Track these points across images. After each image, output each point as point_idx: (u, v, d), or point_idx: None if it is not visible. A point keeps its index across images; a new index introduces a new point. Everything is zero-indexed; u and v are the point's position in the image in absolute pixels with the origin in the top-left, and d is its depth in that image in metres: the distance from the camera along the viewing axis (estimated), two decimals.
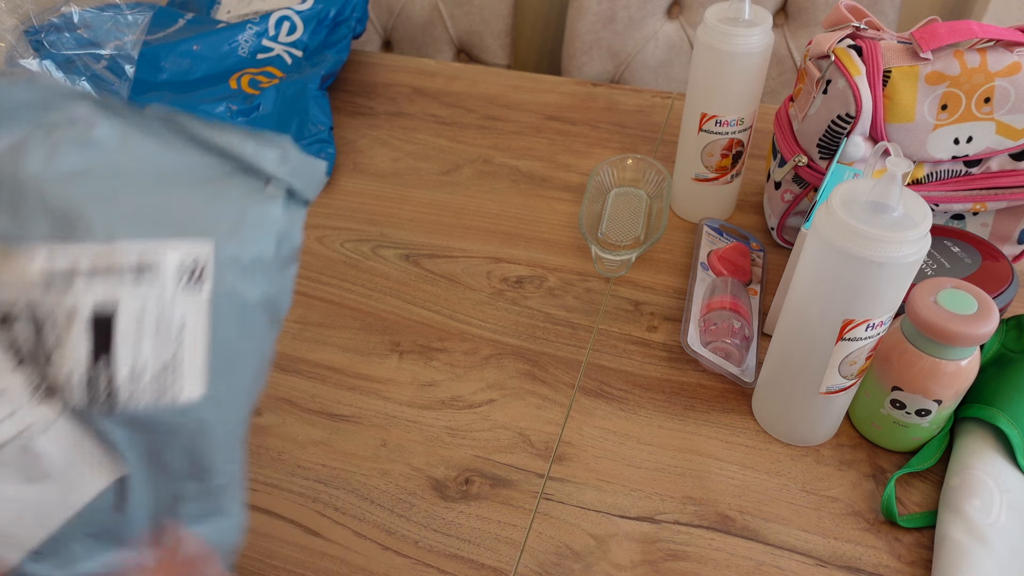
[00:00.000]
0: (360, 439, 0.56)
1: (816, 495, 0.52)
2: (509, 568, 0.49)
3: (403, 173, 0.80)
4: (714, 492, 0.52)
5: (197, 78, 0.82)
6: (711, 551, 0.49)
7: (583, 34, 1.17)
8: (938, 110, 0.57)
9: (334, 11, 0.89)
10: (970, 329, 0.46)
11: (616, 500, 0.52)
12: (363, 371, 0.61)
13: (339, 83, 0.94)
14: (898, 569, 0.48)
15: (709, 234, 0.68)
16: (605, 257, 0.66)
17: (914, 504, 0.51)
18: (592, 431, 0.56)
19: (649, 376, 0.60)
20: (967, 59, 0.55)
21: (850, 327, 0.45)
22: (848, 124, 0.58)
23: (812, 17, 1.10)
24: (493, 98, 0.91)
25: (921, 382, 0.48)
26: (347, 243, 0.72)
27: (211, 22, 0.86)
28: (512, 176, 0.80)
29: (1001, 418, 0.50)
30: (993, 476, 0.48)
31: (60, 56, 0.78)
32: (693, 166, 0.69)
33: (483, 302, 0.66)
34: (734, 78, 0.62)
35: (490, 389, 0.59)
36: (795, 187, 0.65)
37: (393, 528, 0.51)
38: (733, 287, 0.61)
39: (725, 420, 0.56)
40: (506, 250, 0.71)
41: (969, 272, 0.56)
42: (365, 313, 0.66)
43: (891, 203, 0.42)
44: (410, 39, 1.28)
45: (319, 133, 0.79)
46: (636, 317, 0.64)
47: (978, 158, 0.59)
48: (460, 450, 0.55)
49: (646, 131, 0.85)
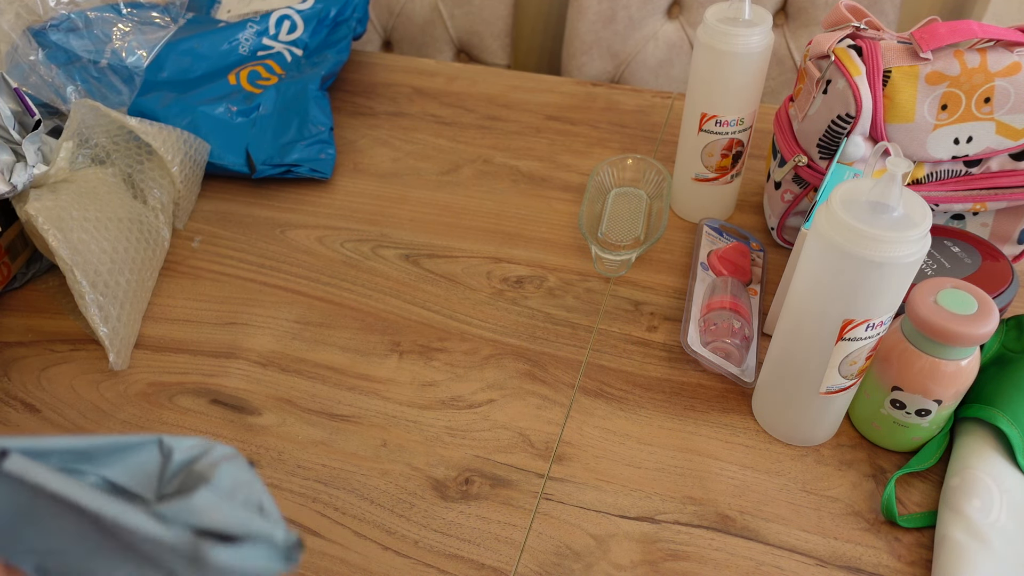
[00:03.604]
0: (360, 439, 0.56)
1: (816, 495, 0.52)
2: (509, 568, 0.49)
3: (403, 173, 0.80)
4: (714, 492, 0.52)
5: (197, 77, 0.81)
6: (711, 551, 0.49)
7: (583, 34, 1.17)
8: (938, 110, 0.57)
9: (334, 11, 0.89)
10: (970, 329, 0.46)
11: (616, 500, 0.52)
12: (363, 371, 0.61)
13: (339, 83, 0.94)
14: (898, 569, 0.48)
15: (709, 234, 0.68)
16: (605, 257, 0.66)
17: (914, 504, 0.51)
18: (592, 431, 0.56)
19: (649, 376, 0.60)
20: (967, 59, 0.55)
21: (850, 327, 0.45)
22: (848, 124, 0.58)
23: (812, 17, 1.10)
24: (493, 98, 0.91)
25: (921, 382, 0.48)
26: (347, 243, 0.72)
27: (211, 21, 0.86)
28: (512, 176, 0.80)
29: (1001, 418, 0.50)
30: (993, 476, 0.48)
31: (63, 56, 0.78)
32: (693, 166, 0.69)
33: (483, 302, 0.66)
34: (734, 78, 0.62)
35: (490, 389, 0.59)
36: (795, 187, 0.65)
37: (393, 528, 0.51)
38: (733, 287, 0.61)
39: (725, 420, 0.56)
40: (506, 250, 0.71)
41: (969, 272, 0.56)
42: (365, 313, 0.66)
43: (891, 203, 0.42)
44: (410, 39, 1.28)
45: (319, 133, 0.79)
46: (636, 317, 0.64)
47: (978, 158, 0.59)
48: (460, 450, 0.55)
49: (646, 131, 0.85)
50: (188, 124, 0.76)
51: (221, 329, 0.65)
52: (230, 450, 0.25)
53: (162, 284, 0.69)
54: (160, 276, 0.70)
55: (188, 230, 0.74)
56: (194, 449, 0.25)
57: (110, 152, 0.69)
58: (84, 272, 0.59)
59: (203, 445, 0.25)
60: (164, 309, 0.67)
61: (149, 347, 0.63)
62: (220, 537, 0.23)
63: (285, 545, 0.23)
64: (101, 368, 0.62)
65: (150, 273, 0.67)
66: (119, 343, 0.61)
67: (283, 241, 0.73)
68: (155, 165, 0.70)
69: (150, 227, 0.68)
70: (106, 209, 0.64)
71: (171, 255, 0.72)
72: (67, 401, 0.59)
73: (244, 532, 0.23)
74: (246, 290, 0.68)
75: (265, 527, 0.23)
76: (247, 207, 0.77)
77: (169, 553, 0.23)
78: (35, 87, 0.76)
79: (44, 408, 0.59)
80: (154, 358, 0.62)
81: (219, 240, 0.73)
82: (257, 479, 0.24)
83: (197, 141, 0.73)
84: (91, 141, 0.68)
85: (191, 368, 0.62)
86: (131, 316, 0.63)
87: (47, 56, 0.77)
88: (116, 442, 0.24)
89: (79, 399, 0.59)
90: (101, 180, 0.67)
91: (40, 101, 0.76)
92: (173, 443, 0.25)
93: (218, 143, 0.77)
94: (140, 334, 0.64)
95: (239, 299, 0.67)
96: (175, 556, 0.23)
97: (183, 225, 0.75)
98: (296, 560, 0.24)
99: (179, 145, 0.70)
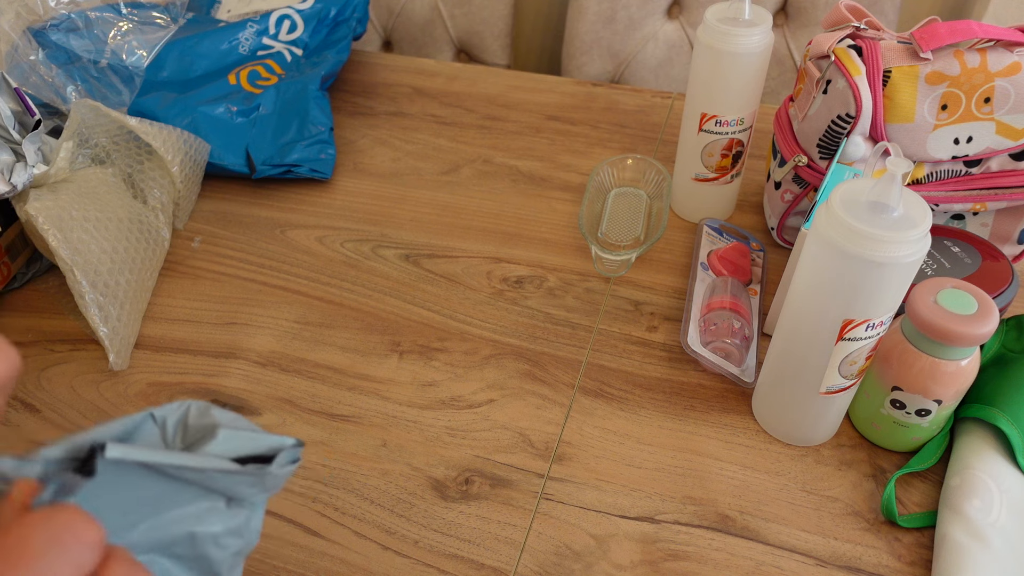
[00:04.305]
0: (360, 439, 0.56)
1: (816, 495, 0.52)
2: (509, 568, 0.49)
3: (403, 173, 0.80)
4: (714, 492, 0.52)
5: (197, 76, 0.81)
6: (711, 551, 0.49)
7: (583, 34, 1.17)
8: (938, 110, 0.57)
9: (334, 11, 0.89)
10: (970, 329, 0.46)
11: (616, 500, 0.52)
12: (363, 371, 0.61)
13: (339, 83, 0.94)
14: (898, 569, 0.48)
15: (709, 234, 0.68)
16: (605, 257, 0.66)
17: (914, 504, 0.51)
18: (592, 431, 0.56)
19: (649, 376, 0.60)
20: (967, 59, 0.55)
21: (850, 327, 0.45)
22: (848, 124, 0.58)
23: (812, 17, 1.10)
24: (493, 98, 0.91)
25: (921, 382, 0.48)
26: (347, 243, 0.72)
27: (211, 21, 0.86)
28: (512, 176, 0.80)
29: (1001, 418, 0.50)
30: (993, 476, 0.48)
31: (63, 56, 0.78)
32: (693, 166, 0.69)
33: (483, 302, 0.66)
34: (734, 78, 0.62)
35: (490, 389, 0.59)
36: (795, 187, 0.65)
37: (393, 528, 0.51)
38: (733, 287, 0.61)
39: (725, 420, 0.56)
40: (506, 250, 0.71)
41: (969, 272, 0.56)
42: (365, 313, 0.66)
43: (891, 203, 0.42)
44: (410, 39, 1.28)
45: (319, 134, 0.79)
46: (636, 317, 0.64)
47: (978, 158, 0.59)
48: (460, 450, 0.55)
49: (646, 131, 0.85)
50: (188, 124, 0.76)
51: (221, 329, 0.65)
52: (203, 403, 0.30)
53: (162, 284, 0.69)
54: (160, 276, 0.70)
55: (188, 230, 0.74)
56: (178, 411, 0.30)
57: (110, 152, 0.69)
58: (84, 272, 0.59)
59: (182, 405, 0.29)
60: (164, 309, 0.67)
61: (149, 347, 0.63)
62: (262, 459, 0.29)
63: (294, 447, 0.30)
64: (101, 368, 0.62)
65: (150, 273, 0.67)
66: (119, 343, 0.61)
67: (283, 241, 0.73)
68: (155, 165, 0.70)
69: (150, 227, 0.68)
70: (106, 209, 0.64)
71: (171, 255, 0.72)
72: (67, 401, 0.59)
73: (271, 449, 0.30)
74: (246, 290, 0.68)
75: (277, 439, 0.30)
76: (247, 207, 0.77)
77: (237, 481, 0.29)
78: (35, 87, 0.76)
79: (44, 408, 0.59)
80: (154, 358, 0.62)
81: (219, 240, 0.73)
82: (228, 412, 0.30)
83: (197, 141, 0.73)
84: (91, 141, 0.68)
85: (191, 368, 0.62)
86: (131, 316, 0.63)
87: (47, 56, 0.77)
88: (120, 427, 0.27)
89: (79, 399, 0.59)
90: (101, 180, 0.67)
91: (40, 101, 0.76)
92: (161, 412, 0.29)
93: (218, 143, 0.77)
94: (140, 334, 0.64)
95: (239, 299, 0.67)
96: (242, 482, 0.29)
97: (183, 225, 0.75)
98: (299, 458, 0.31)
99: (179, 145, 0.70)
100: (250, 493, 0.31)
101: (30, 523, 0.22)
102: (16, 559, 0.21)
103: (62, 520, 0.22)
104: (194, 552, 0.30)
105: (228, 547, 0.31)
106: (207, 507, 0.30)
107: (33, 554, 0.21)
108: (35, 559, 0.21)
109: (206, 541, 0.30)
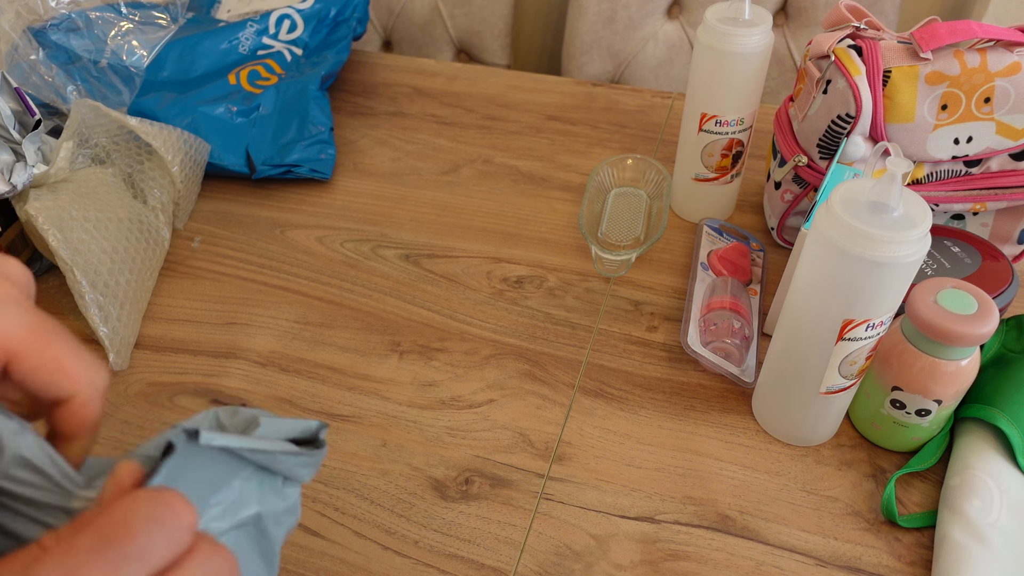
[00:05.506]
0: (360, 439, 0.56)
1: (816, 495, 0.52)
2: (509, 568, 0.49)
3: (403, 173, 0.80)
4: (714, 492, 0.52)
5: (197, 76, 0.81)
6: (711, 551, 0.49)
7: (583, 34, 1.17)
8: (938, 110, 0.57)
9: (334, 11, 0.89)
10: (970, 329, 0.46)
11: (616, 500, 0.52)
12: (363, 371, 0.61)
13: (339, 83, 0.94)
14: (898, 569, 0.48)
15: (709, 234, 0.68)
16: (605, 257, 0.66)
17: (914, 504, 0.51)
18: (592, 431, 0.56)
19: (649, 376, 0.60)
20: (967, 59, 0.55)
21: (850, 327, 0.45)
22: (848, 124, 0.58)
23: (812, 17, 1.10)
24: (493, 98, 0.91)
25: (921, 382, 0.48)
26: (347, 243, 0.72)
27: (211, 21, 0.86)
28: (512, 176, 0.80)
29: (1001, 418, 0.50)
30: (993, 476, 0.48)
31: (63, 56, 0.78)
32: (693, 166, 0.69)
33: (483, 302, 0.66)
34: (734, 78, 0.62)
35: (490, 389, 0.59)
36: (795, 187, 0.65)
37: (393, 528, 0.51)
38: (733, 287, 0.61)
39: (725, 420, 0.56)
40: (506, 250, 0.71)
41: (969, 272, 0.56)
42: (365, 313, 0.66)
43: (891, 203, 0.42)
44: (410, 39, 1.28)
45: (319, 134, 0.79)
46: (636, 317, 0.64)
47: (978, 158, 0.59)
48: (460, 450, 0.55)
49: (646, 131, 0.85)
50: (188, 124, 0.76)
51: (221, 329, 0.65)
52: (228, 406, 0.31)
53: (162, 284, 0.69)
54: (160, 276, 0.70)
55: (188, 230, 0.74)
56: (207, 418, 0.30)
57: (110, 152, 0.69)
58: (84, 272, 0.59)
59: (207, 413, 0.30)
60: (164, 309, 0.67)
61: (149, 347, 0.63)
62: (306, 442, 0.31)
63: (321, 429, 0.32)
64: None
65: (150, 273, 0.67)
66: (119, 343, 0.61)
67: (283, 241, 0.73)
68: (155, 165, 0.70)
69: (150, 227, 0.68)
70: (106, 209, 0.64)
71: (171, 255, 0.72)
72: None
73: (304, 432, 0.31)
74: (246, 290, 0.68)
75: (304, 423, 0.31)
76: (247, 207, 0.77)
77: (296, 462, 0.31)
78: (35, 87, 0.76)
79: None
80: (154, 358, 0.62)
81: (219, 240, 0.73)
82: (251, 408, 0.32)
83: (197, 141, 0.73)
84: (91, 141, 0.68)
85: (191, 368, 0.62)
86: (131, 316, 0.63)
87: (47, 56, 0.77)
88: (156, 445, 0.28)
89: None
90: (101, 180, 0.67)
91: (40, 101, 0.76)
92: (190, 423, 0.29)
93: (218, 143, 0.77)
94: (140, 334, 0.64)
95: (239, 299, 0.67)
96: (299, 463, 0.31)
97: (183, 225, 0.75)
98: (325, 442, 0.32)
99: (179, 145, 0.70)
100: (303, 473, 0.32)
101: (133, 502, 0.23)
102: (122, 535, 0.22)
103: (164, 501, 0.24)
104: (259, 531, 0.32)
105: (285, 524, 0.33)
106: (269, 487, 0.31)
107: (136, 531, 0.22)
108: (138, 536, 0.22)
109: (268, 520, 0.32)
